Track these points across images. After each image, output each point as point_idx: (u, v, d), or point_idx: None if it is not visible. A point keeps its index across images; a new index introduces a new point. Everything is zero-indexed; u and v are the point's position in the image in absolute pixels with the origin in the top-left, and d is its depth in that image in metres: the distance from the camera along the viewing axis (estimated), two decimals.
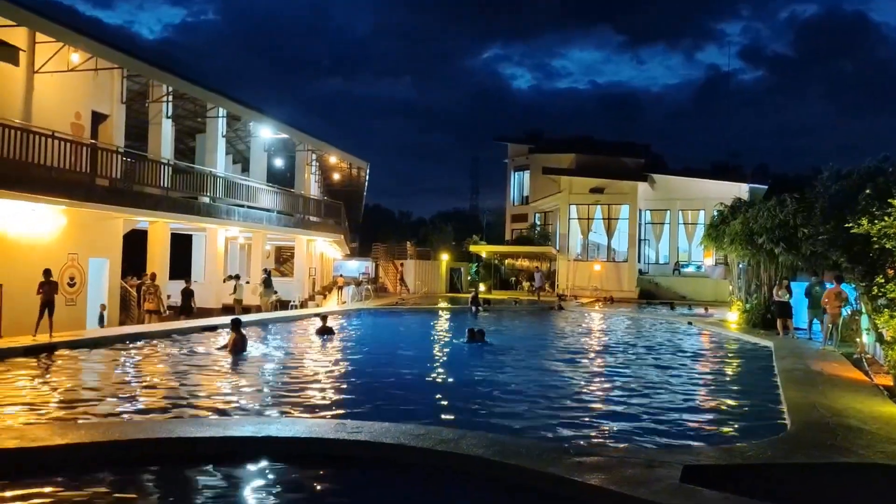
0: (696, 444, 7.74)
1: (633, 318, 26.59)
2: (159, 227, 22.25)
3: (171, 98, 23.56)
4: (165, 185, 21.80)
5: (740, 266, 24.80)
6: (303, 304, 28.80)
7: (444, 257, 44.58)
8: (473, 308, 28.18)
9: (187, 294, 20.87)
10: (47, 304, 14.34)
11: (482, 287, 40.84)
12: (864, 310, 14.38)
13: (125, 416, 8.56)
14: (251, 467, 6.25)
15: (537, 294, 37.08)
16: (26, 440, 6.38)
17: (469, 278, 46.36)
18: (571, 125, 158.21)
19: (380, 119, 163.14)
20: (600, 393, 11.03)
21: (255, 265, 28.43)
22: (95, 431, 6.93)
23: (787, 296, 18.56)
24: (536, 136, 51.27)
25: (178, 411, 8.83)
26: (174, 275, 23.71)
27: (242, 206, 25.70)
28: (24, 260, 16.63)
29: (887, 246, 9.57)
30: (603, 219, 41.59)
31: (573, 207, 41.73)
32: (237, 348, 13.76)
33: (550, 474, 5.78)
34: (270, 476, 6.14)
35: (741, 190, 35.49)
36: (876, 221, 9.44)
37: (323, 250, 38.80)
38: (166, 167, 22.34)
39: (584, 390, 11.17)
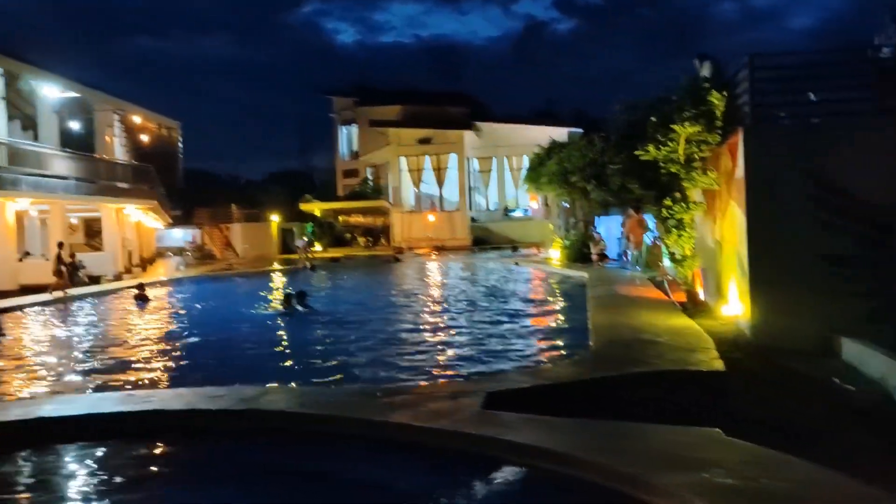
0: (509, 371, 7.92)
1: (465, 263, 27.26)
2: None
3: None
4: None
5: (563, 205, 25.95)
6: (118, 278, 26.52)
7: (275, 218, 43.04)
8: (309, 267, 27.65)
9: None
10: None
11: (318, 246, 39.97)
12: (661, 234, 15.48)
13: None
14: (24, 454, 5.43)
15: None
16: None
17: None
18: (400, 79, 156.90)
19: (199, 79, 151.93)
20: (423, 335, 11.06)
21: (55, 239, 25.63)
22: None
23: (597, 234, 19.79)
24: (362, 89, 50.35)
25: None
26: None
27: (32, 174, 22.91)
28: None
29: (672, 170, 10.24)
30: (433, 169, 41.95)
31: (403, 159, 41.70)
32: None
33: (357, 419, 5.60)
34: (50, 462, 5.36)
35: (561, 134, 37.03)
36: (661, 148, 10.05)
37: (140, 219, 35.90)
38: None
39: (408, 335, 11.12)
